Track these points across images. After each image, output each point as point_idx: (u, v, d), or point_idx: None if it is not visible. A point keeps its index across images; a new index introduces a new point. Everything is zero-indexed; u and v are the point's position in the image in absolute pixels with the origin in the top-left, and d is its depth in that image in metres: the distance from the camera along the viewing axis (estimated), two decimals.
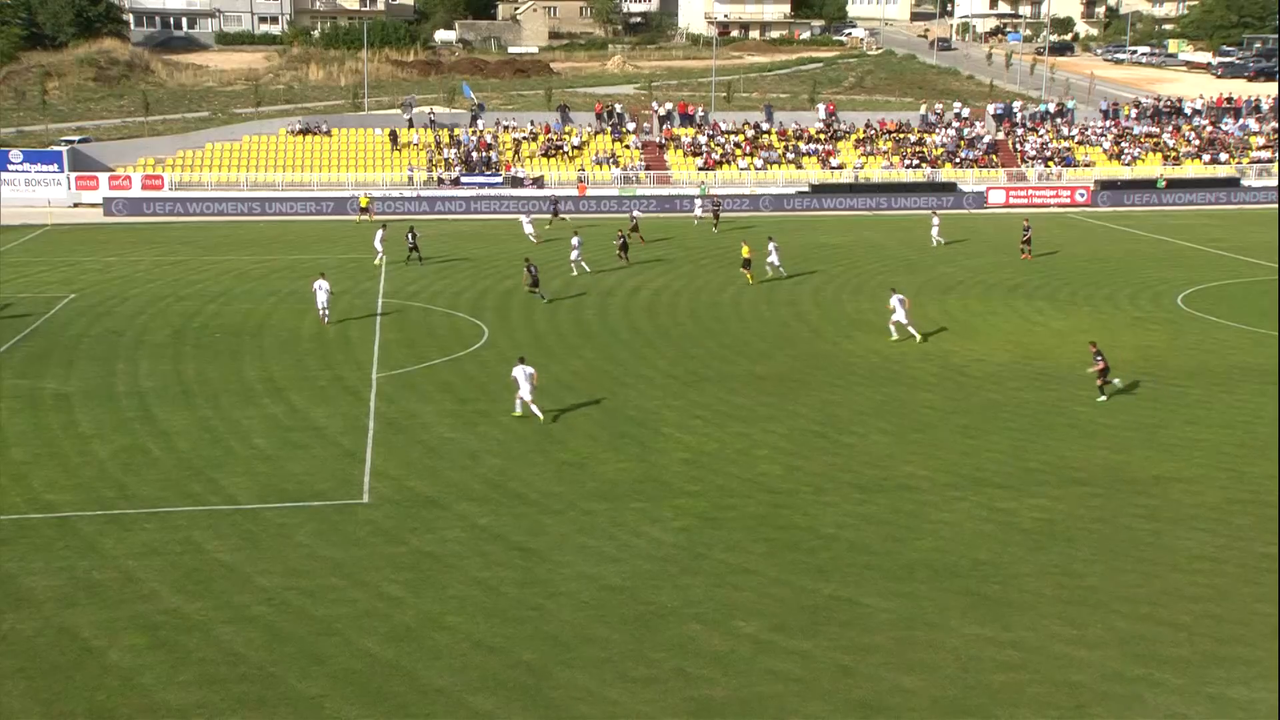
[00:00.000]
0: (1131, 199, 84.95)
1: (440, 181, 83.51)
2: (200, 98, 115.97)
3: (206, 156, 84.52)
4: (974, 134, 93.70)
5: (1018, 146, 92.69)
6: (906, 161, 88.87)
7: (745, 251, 55.52)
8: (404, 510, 28.15)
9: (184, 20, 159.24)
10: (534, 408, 34.57)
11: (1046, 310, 50.12)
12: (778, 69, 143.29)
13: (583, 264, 56.58)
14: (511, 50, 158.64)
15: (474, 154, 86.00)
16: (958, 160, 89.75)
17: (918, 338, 44.33)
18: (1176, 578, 24.85)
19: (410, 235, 58.52)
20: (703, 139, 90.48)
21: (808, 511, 28.27)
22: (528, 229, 65.42)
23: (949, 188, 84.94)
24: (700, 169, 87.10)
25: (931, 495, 29.34)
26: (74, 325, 45.90)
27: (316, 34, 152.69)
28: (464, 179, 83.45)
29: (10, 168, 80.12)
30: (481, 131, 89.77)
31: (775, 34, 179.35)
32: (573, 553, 25.89)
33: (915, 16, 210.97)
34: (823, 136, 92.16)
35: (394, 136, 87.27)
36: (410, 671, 20.92)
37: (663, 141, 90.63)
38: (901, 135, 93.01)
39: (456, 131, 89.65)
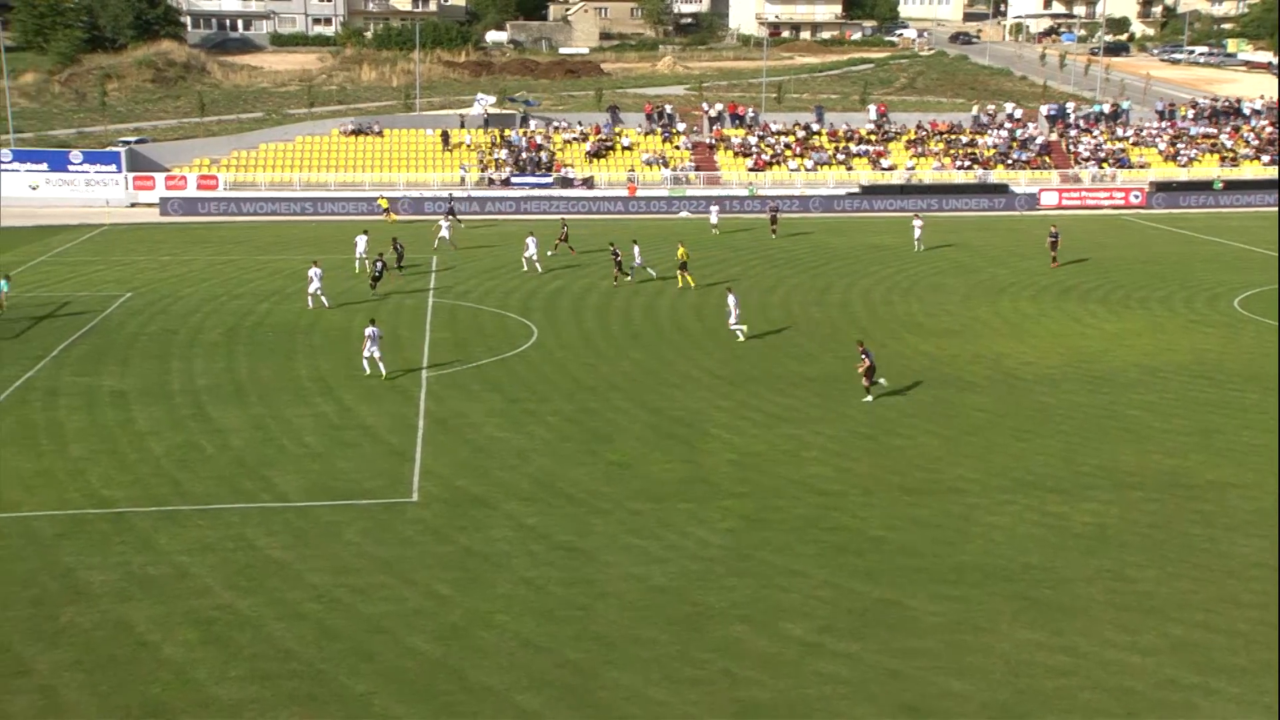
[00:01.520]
0: (1187, 201, 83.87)
1: (491, 182, 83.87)
2: (254, 98, 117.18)
3: (260, 157, 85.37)
4: (1026, 135, 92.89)
5: (1071, 148, 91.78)
6: (958, 163, 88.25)
7: (681, 254, 54.54)
8: (452, 509, 28.28)
9: (239, 22, 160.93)
10: (381, 365, 38.51)
11: (1099, 313, 49.57)
12: (828, 70, 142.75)
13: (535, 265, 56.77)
14: (562, 51, 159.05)
15: (524, 154, 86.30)
16: (1010, 161, 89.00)
17: (741, 336, 44.39)
18: (1232, 584, 24.49)
19: (395, 244, 56.99)
20: (753, 140, 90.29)
21: (856, 513, 28.13)
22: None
23: (1001, 189, 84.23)
24: (750, 170, 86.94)
25: (981, 498, 29.10)
26: (130, 323, 46.49)
27: (369, 35, 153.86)
28: (514, 179, 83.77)
29: (70, 168, 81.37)
30: (532, 132, 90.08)
31: (826, 35, 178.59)
32: (620, 553, 25.90)
33: (968, 17, 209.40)
34: (874, 138, 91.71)
35: (445, 137, 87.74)
36: (458, 670, 21.00)
37: (713, 142, 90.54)
38: (953, 136, 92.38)
39: (507, 132, 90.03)
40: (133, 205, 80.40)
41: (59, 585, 23.96)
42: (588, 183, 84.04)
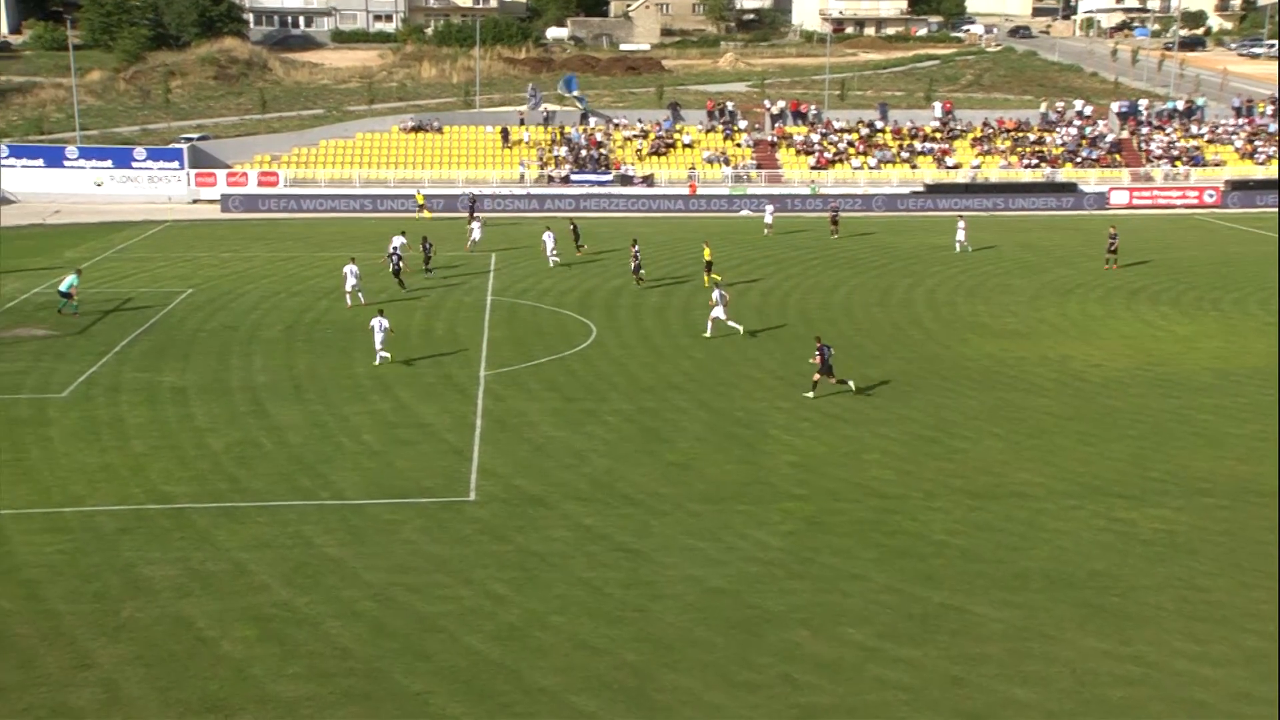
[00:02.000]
0: (1265, 200, 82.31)
1: (550, 179, 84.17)
2: (315, 95, 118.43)
3: (320, 153, 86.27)
4: (1096, 133, 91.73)
5: (1143, 146, 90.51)
6: (1025, 161, 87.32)
7: (707, 254, 54.31)
8: (510, 509, 28.41)
9: (301, 19, 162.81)
10: (382, 354, 40.28)
11: (1170, 315, 48.86)
12: (893, 66, 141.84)
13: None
14: (623, 47, 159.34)
15: (584, 151, 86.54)
16: (1079, 160, 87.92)
17: (740, 330, 44.37)
18: None
19: (424, 243, 57.00)
20: (815, 137, 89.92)
21: (918, 517, 27.93)
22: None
23: (1069, 188, 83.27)
24: (812, 168, 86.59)
25: (1047, 503, 28.79)
26: (191, 320, 47.15)
27: (430, 31, 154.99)
28: (573, 177, 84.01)
29: (134, 165, 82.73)
30: (592, 129, 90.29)
31: (891, 31, 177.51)
32: (678, 554, 25.90)
33: (1037, 12, 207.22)
34: (939, 135, 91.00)
35: (505, 134, 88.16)
36: (514, 670, 21.10)
37: (774, 140, 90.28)
38: (1020, 134, 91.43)
39: (566, 129, 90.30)
40: (194, 202, 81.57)
41: (120, 580, 24.35)
42: (648, 180, 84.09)
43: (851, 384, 37.49)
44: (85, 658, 21.28)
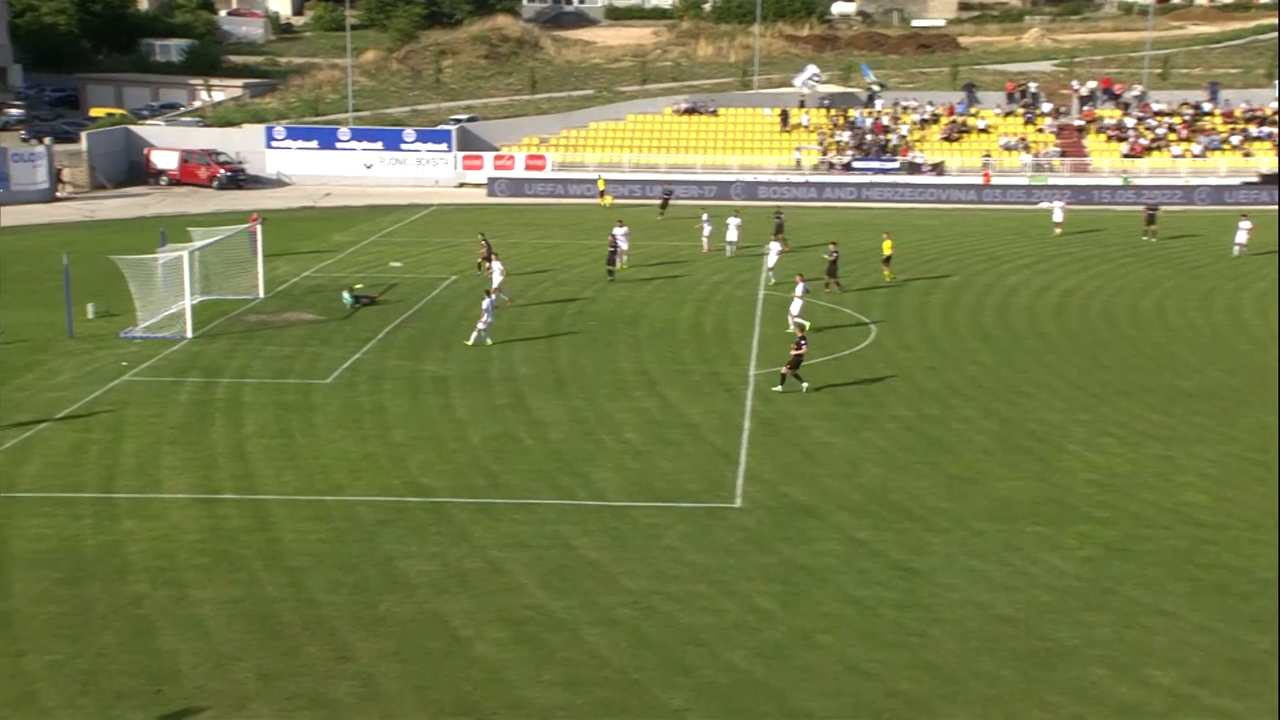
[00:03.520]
0: None
1: (830, 166, 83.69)
2: (586, 75, 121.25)
3: (590, 136, 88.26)
4: None
5: None
6: None
7: (887, 248, 53.28)
8: (777, 518, 28.44)
9: None
10: (475, 334, 42.37)
11: None
12: (1228, 40, 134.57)
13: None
14: (915, 24, 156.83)
15: (869, 137, 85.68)
16: None
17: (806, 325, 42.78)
18: None
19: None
20: (1129, 122, 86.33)
21: (1241, 550, 26.51)
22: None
23: None
24: (1125, 156, 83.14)
25: None
26: (454, 307, 49.06)
27: (707, 7, 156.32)
28: (856, 163, 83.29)
29: (403, 147, 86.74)
30: (879, 113, 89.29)
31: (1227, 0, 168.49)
32: (960, 576, 25.39)
33: None
34: None
35: (785, 116, 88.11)
36: (778, 691, 21.10)
37: (1082, 124, 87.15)
38: None
39: (851, 113, 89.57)
40: (460, 185, 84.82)
41: (378, 573, 25.59)
42: (937, 169, 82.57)
43: (805, 386, 37.46)
44: (345, 650, 22.46)
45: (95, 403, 36.75)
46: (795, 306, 44.03)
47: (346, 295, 49.16)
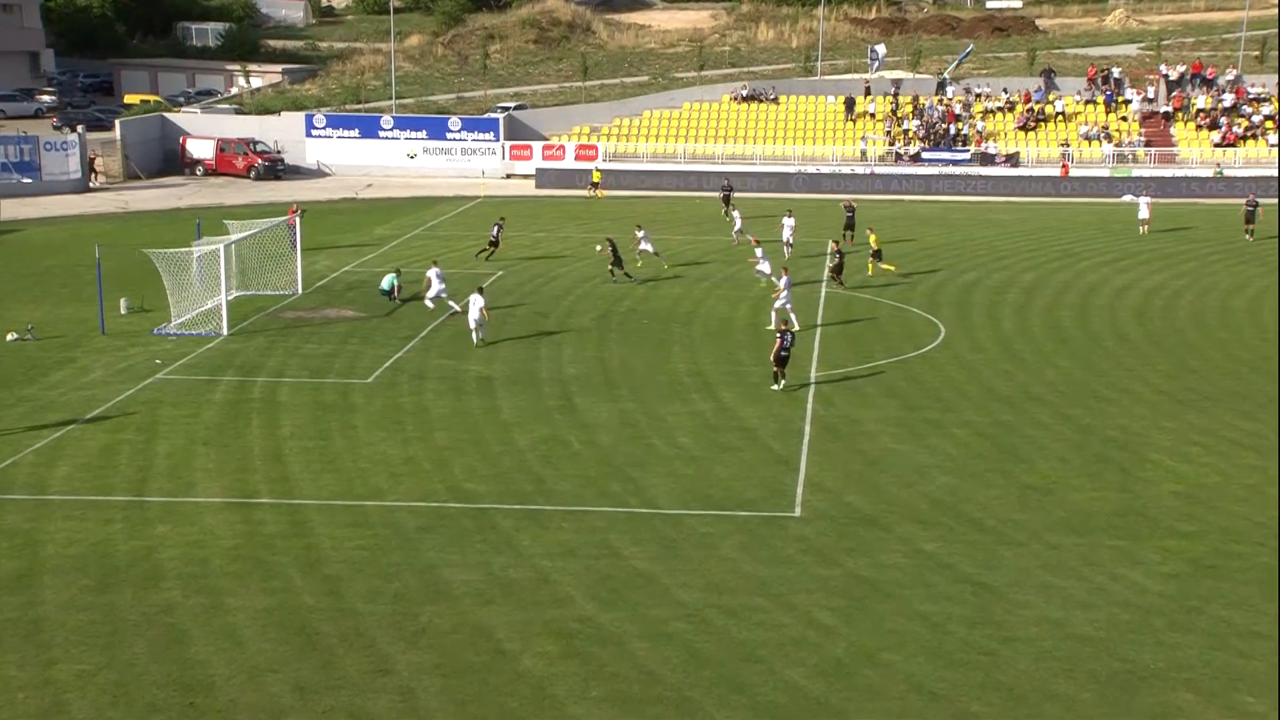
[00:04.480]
0: None
1: (897, 157, 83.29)
2: (640, 61, 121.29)
3: (643, 125, 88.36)
4: None
5: None
6: None
7: (874, 241, 53.31)
8: (839, 528, 28.32)
9: None
10: (475, 334, 42.61)
11: None
12: None
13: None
14: (990, 5, 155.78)
15: (939, 125, 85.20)
16: None
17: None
18: None
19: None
20: (1224, 108, 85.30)
21: None
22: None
23: None
24: (1216, 145, 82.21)
25: None
26: (499, 304, 49.16)
27: None
28: (925, 155, 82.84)
29: (449, 136, 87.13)
30: (950, 100, 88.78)
31: None
32: (1034, 592, 25.18)
33: None
34: None
35: (850, 104, 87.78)
36: (840, 711, 20.99)
37: (1169, 112, 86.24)
38: None
39: (920, 100, 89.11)
40: (508, 176, 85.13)
41: (420, 582, 25.68)
42: (1012, 160, 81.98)
43: (783, 384, 37.71)
44: (384, 662, 22.56)
45: (127, 402, 37.17)
46: (780, 301, 44.08)
47: (387, 280, 49.42)
